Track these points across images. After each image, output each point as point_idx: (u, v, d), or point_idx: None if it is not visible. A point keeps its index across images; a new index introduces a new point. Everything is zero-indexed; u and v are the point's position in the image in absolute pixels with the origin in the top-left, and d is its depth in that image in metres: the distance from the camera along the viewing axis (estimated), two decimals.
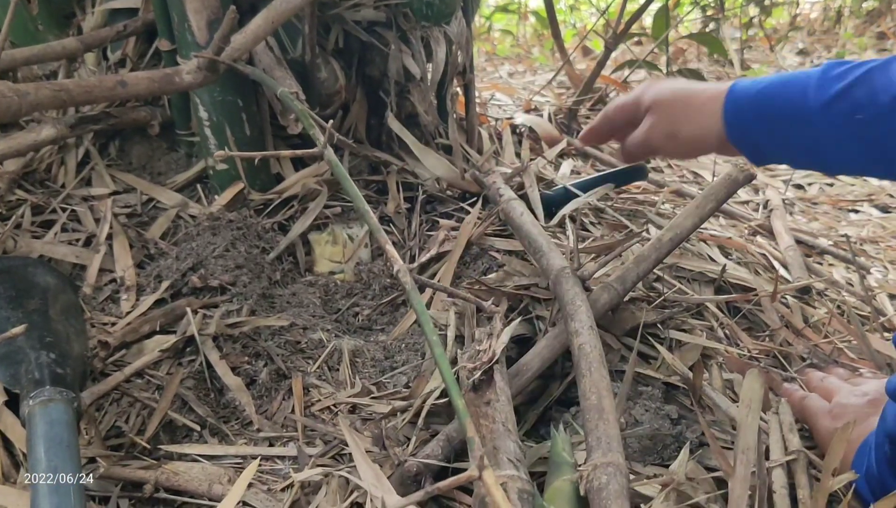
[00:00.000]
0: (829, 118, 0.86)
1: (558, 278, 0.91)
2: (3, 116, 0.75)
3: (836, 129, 0.86)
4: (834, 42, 4.23)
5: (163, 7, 1.15)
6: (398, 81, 1.33)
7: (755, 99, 0.92)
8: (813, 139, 0.88)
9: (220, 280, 1.06)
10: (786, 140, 0.91)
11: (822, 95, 0.86)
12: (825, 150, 0.89)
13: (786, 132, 0.90)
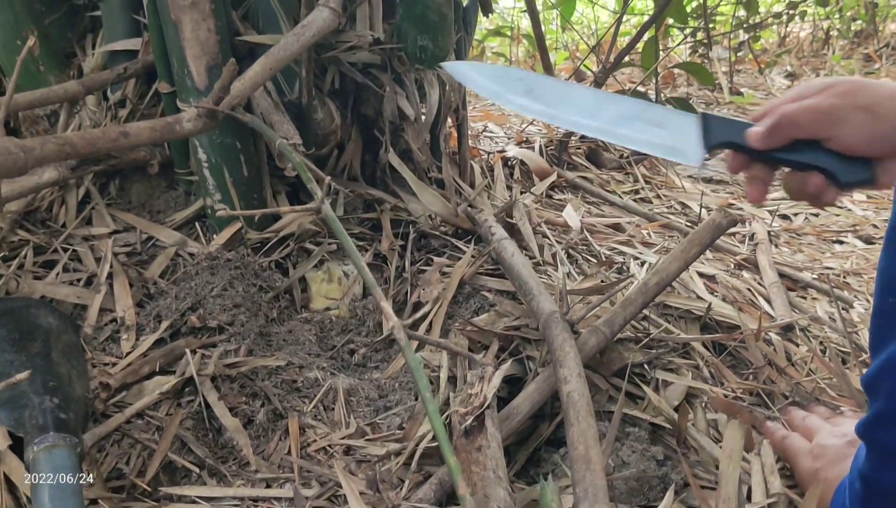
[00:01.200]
0: None
1: (548, 323, 0.94)
2: (9, 173, 0.78)
3: None
4: (822, 65, 4.29)
5: (163, 51, 1.18)
6: (392, 120, 1.36)
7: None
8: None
9: (218, 320, 1.09)
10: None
11: None
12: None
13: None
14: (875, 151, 0.81)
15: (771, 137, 0.83)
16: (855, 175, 0.81)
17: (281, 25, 1.22)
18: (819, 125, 0.82)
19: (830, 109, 0.81)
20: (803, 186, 0.83)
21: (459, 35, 1.43)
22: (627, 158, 2.13)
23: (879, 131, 0.80)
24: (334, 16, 1.13)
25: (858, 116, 0.81)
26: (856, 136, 0.81)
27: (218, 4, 1.11)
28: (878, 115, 0.80)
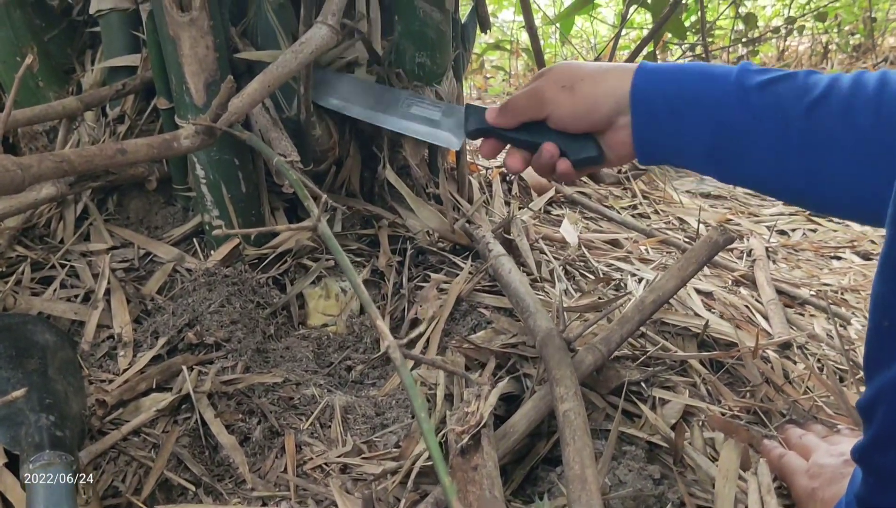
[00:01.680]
0: (747, 105, 0.83)
1: (545, 341, 0.94)
2: (6, 190, 0.78)
3: (752, 117, 0.83)
4: None
5: (161, 67, 1.19)
6: (391, 137, 1.37)
7: (669, 71, 0.90)
8: (724, 125, 0.85)
9: (215, 337, 1.09)
10: (692, 121, 0.86)
11: (743, 81, 0.84)
12: (733, 138, 0.84)
13: (695, 111, 0.86)
14: (581, 126, 0.95)
15: (501, 117, 1.00)
16: (580, 151, 0.96)
17: (279, 42, 1.23)
18: (534, 107, 0.97)
19: (538, 91, 0.96)
20: (540, 160, 0.98)
21: (458, 52, 1.44)
22: (626, 173, 2.13)
23: (580, 108, 0.94)
24: (332, 33, 1.14)
25: (561, 96, 0.94)
26: (562, 115, 0.95)
27: (216, 21, 1.12)
28: (576, 93, 0.93)
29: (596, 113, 0.92)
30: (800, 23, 4.33)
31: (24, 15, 1.25)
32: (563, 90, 0.94)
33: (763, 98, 0.83)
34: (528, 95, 0.97)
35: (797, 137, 0.80)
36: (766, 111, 0.82)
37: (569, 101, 0.93)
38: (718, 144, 0.86)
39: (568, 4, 3.21)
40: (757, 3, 4.65)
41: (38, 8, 1.32)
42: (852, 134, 0.77)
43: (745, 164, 0.86)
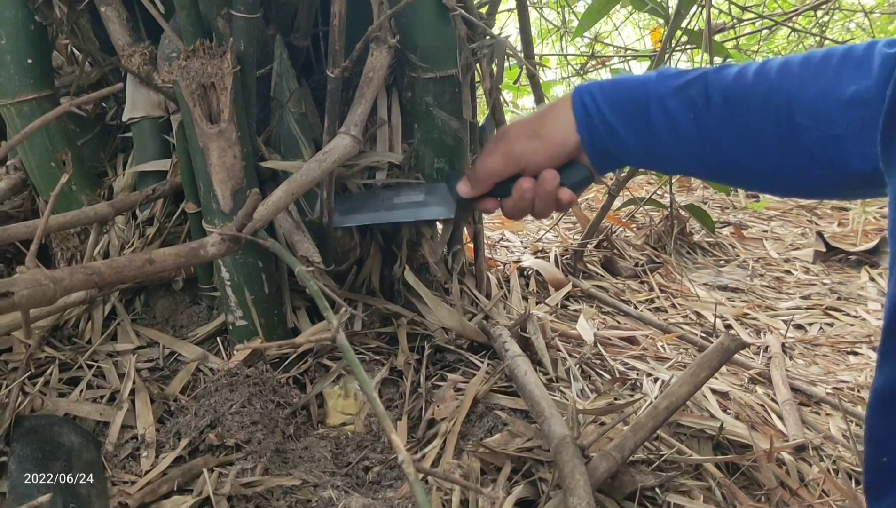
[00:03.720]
0: (667, 110, 0.95)
1: (559, 448, 0.96)
2: (39, 304, 0.81)
3: (672, 121, 0.95)
4: None
5: (190, 174, 1.24)
6: (409, 237, 1.41)
7: (601, 88, 1.01)
8: (652, 127, 0.96)
9: (236, 438, 1.11)
10: (629, 123, 0.98)
11: (660, 88, 0.96)
12: (661, 139, 0.97)
13: (629, 116, 0.98)
14: (560, 160, 1.04)
15: (476, 187, 1.12)
16: (573, 175, 1.05)
17: (301, 149, 1.28)
18: (510, 165, 1.06)
19: (508, 151, 1.05)
20: (544, 188, 1.04)
21: (475, 156, 1.48)
22: (643, 266, 2.16)
23: (552, 147, 1.03)
24: (355, 143, 1.18)
25: (532, 145, 1.03)
26: (539, 160, 1.04)
27: (244, 132, 1.17)
28: (543, 137, 1.03)
29: (568, 144, 1.02)
30: None
31: (58, 121, 1.30)
32: (531, 139, 1.03)
33: (677, 102, 0.95)
34: (500, 156, 1.06)
35: (700, 131, 0.94)
36: (679, 113, 0.94)
37: (541, 146, 1.03)
38: (649, 149, 0.99)
39: None
40: None
41: (72, 114, 1.38)
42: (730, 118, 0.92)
43: (674, 160, 1.01)
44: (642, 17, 4.30)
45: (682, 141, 0.96)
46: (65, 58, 1.48)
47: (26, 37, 1.24)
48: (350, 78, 1.26)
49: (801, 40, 4.20)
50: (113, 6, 1.26)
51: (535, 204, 1.07)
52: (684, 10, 1.91)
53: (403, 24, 1.24)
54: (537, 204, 1.07)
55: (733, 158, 0.93)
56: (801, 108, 0.85)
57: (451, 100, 1.31)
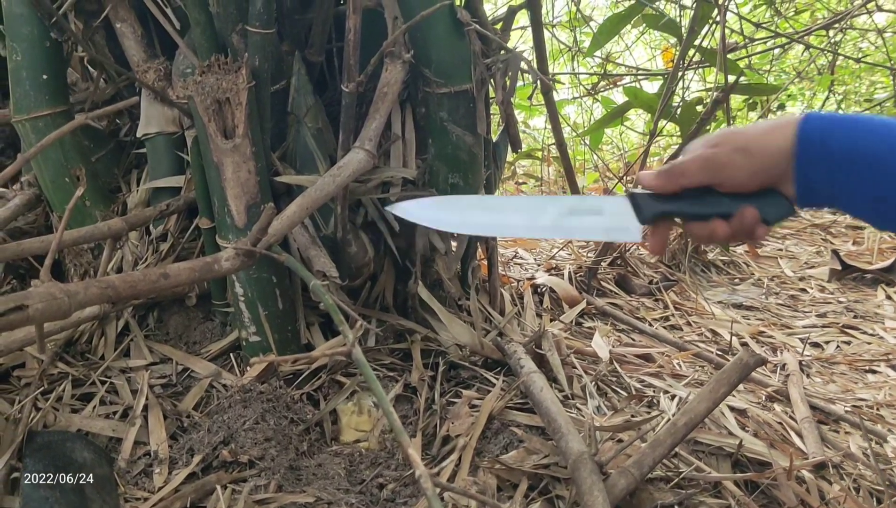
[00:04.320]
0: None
1: (577, 465, 0.94)
2: (53, 318, 0.81)
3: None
4: None
5: (204, 190, 1.23)
6: (424, 253, 1.40)
7: (840, 123, 0.90)
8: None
9: (249, 454, 1.10)
10: (855, 175, 0.87)
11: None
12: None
13: (858, 166, 0.87)
14: (755, 184, 0.91)
15: (662, 179, 0.94)
16: (774, 208, 0.90)
17: (317, 164, 1.27)
18: (709, 171, 0.91)
19: (713, 156, 0.92)
20: (743, 225, 0.91)
21: (489, 171, 1.48)
22: (657, 284, 2.14)
23: (758, 166, 0.90)
24: (369, 157, 1.18)
25: (737, 158, 0.90)
26: (741, 176, 0.91)
27: (258, 147, 1.17)
28: (752, 152, 0.90)
29: (777, 169, 0.91)
30: None
31: (73, 137, 1.30)
32: (738, 152, 0.92)
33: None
34: (701, 160, 0.94)
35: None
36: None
37: (746, 162, 0.91)
38: (883, 215, 0.87)
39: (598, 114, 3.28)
40: (786, 111, 4.71)
41: (86, 130, 1.38)
42: None
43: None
44: (653, 37, 4.31)
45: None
46: (79, 75, 1.48)
47: (42, 53, 1.24)
48: (364, 93, 1.26)
49: (813, 59, 4.19)
50: (128, 23, 1.27)
51: (726, 237, 0.95)
52: (698, 26, 1.90)
53: (418, 40, 1.24)
54: (729, 238, 0.95)
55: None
56: None
57: (466, 115, 1.30)
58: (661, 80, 2.23)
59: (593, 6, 4.42)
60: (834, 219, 3.29)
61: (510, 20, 1.55)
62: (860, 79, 4.66)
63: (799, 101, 4.96)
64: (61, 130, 0.87)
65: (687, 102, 2.11)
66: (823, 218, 3.35)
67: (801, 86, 4.59)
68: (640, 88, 2.93)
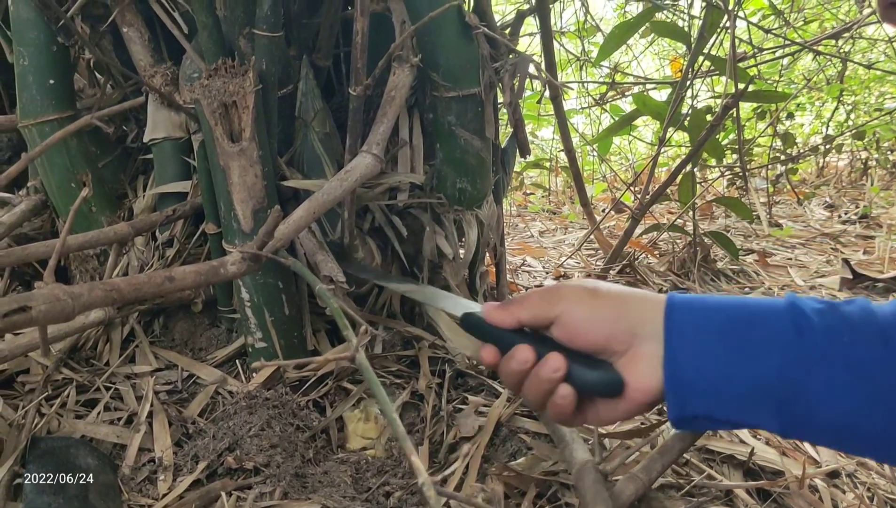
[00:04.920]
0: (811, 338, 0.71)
1: (580, 474, 0.93)
2: (57, 320, 0.80)
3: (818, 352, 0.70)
4: (861, 195, 4.29)
5: (211, 194, 1.23)
6: (432, 259, 1.39)
7: (707, 299, 0.78)
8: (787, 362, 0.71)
9: (254, 461, 1.09)
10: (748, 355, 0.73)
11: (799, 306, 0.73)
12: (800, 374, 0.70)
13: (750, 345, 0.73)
14: (594, 338, 0.77)
15: (499, 312, 0.82)
16: (593, 372, 0.76)
17: (325, 169, 1.27)
18: (546, 302, 0.80)
19: (556, 286, 0.81)
20: (540, 374, 0.77)
21: (498, 176, 1.47)
22: (666, 291, 2.13)
23: (599, 313, 0.77)
24: (377, 162, 1.17)
25: (581, 294, 0.79)
26: (577, 317, 0.78)
27: (265, 151, 1.16)
28: (599, 296, 0.79)
29: (619, 322, 0.76)
30: (838, 141, 4.36)
31: (79, 142, 1.30)
32: (585, 290, 0.80)
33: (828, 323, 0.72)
34: (543, 289, 0.82)
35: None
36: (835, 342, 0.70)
37: (588, 302, 0.78)
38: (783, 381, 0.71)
39: (606, 124, 3.28)
40: (795, 121, 4.70)
41: (93, 135, 1.38)
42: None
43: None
44: (662, 47, 4.31)
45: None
46: (86, 80, 1.48)
47: (48, 58, 1.24)
48: (372, 98, 1.25)
49: (822, 68, 4.18)
50: (135, 27, 1.26)
51: (525, 384, 0.80)
52: (707, 32, 1.90)
53: (426, 43, 1.23)
54: (526, 385, 0.80)
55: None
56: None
57: (474, 119, 1.30)
58: (670, 89, 2.22)
59: (601, 16, 4.43)
60: (844, 228, 3.27)
61: (519, 25, 1.54)
62: (869, 89, 4.65)
63: (808, 110, 4.95)
64: (67, 129, 0.86)
65: (696, 111, 2.11)
66: (833, 227, 3.33)
67: (810, 95, 4.58)
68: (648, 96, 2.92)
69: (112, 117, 1.42)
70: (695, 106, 2.21)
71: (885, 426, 0.68)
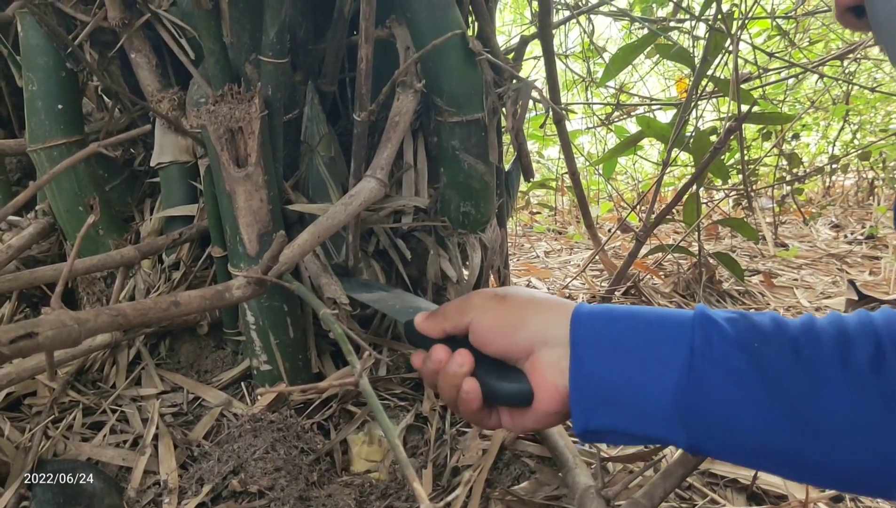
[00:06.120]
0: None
1: (583, 499, 0.93)
2: (64, 345, 0.81)
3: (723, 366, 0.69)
4: (867, 215, 4.29)
5: (217, 218, 1.24)
6: (436, 282, 1.40)
7: (613, 309, 0.77)
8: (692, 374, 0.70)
9: (259, 484, 1.09)
10: (652, 364, 0.72)
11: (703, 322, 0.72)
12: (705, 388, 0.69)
13: (653, 356, 0.72)
14: (498, 344, 0.79)
15: (427, 322, 0.86)
16: (502, 380, 0.78)
17: (329, 193, 1.28)
18: (459, 312, 0.82)
19: (469, 296, 0.84)
20: (449, 370, 0.80)
21: (501, 200, 1.48)
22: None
23: (503, 321, 0.79)
24: (381, 186, 1.18)
25: (489, 303, 0.81)
26: (483, 324, 0.79)
27: (270, 176, 1.17)
28: (506, 302, 0.80)
29: (519, 331, 0.77)
30: (844, 161, 4.36)
31: (87, 166, 1.32)
32: (495, 298, 0.82)
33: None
34: (460, 298, 0.86)
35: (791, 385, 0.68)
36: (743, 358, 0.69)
37: (494, 309, 0.80)
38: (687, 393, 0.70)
39: (612, 143, 3.29)
40: (801, 141, 4.70)
41: (101, 159, 1.39)
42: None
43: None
44: (667, 68, 4.32)
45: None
46: (94, 105, 1.49)
47: (57, 83, 1.26)
48: (376, 123, 1.26)
49: (827, 89, 4.19)
50: (143, 53, 1.28)
51: (438, 381, 0.83)
52: (710, 56, 1.91)
53: (430, 69, 1.25)
54: (439, 382, 0.83)
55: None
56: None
57: (478, 143, 1.31)
58: (675, 109, 2.23)
59: (607, 37, 4.45)
60: (850, 249, 3.27)
61: (522, 50, 1.56)
62: (875, 109, 4.66)
63: (814, 130, 4.96)
64: (74, 158, 0.87)
65: (700, 132, 2.11)
66: (839, 247, 3.33)
67: (816, 116, 4.59)
68: (653, 117, 2.94)
69: (120, 141, 1.43)
70: (699, 128, 2.22)
71: (796, 439, 0.67)
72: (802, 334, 0.70)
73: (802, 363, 0.67)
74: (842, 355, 0.67)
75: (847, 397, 0.65)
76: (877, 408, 0.64)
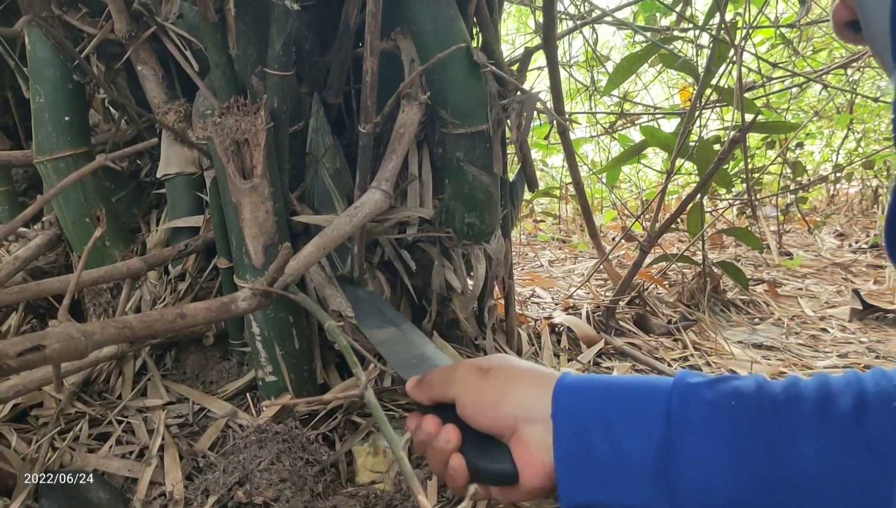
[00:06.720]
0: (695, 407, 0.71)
1: None
2: (70, 358, 0.81)
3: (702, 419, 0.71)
4: (871, 223, 4.29)
5: (222, 230, 1.24)
6: (440, 292, 1.40)
7: (596, 381, 0.79)
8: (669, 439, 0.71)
9: (264, 496, 1.10)
10: (631, 431, 0.73)
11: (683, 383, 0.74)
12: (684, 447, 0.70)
13: (632, 422, 0.74)
14: (483, 419, 0.81)
15: (416, 389, 0.92)
16: (487, 457, 0.80)
17: (335, 204, 1.28)
18: (445, 383, 0.85)
19: (454, 367, 0.87)
20: (437, 444, 0.84)
21: (506, 211, 1.48)
22: (676, 323, 2.13)
23: (487, 396, 0.81)
24: (386, 197, 1.19)
25: (472, 376, 0.83)
26: (468, 399, 0.82)
27: (276, 187, 1.17)
28: (490, 376, 0.82)
29: (500, 407, 0.79)
30: (848, 170, 4.36)
31: (94, 178, 1.32)
32: (478, 371, 0.84)
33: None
34: (444, 370, 0.88)
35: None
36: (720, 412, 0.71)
37: (476, 385, 0.82)
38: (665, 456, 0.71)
39: (616, 152, 3.29)
40: (805, 149, 4.70)
41: (107, 170, 1.40)
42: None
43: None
44: (671, 76, 4.33)
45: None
46: (101, 116, 1.50)
47: (64, 95, 1.26)
48: (381, 134, 1.27)
49: (831, 98, 4.19)
50: (149, 65, 1.29)
51: (427, 453, 0.87)
52: (714, 66, 1.91)
53: (434, 81, 1.25)
54: (428, 454, 0.87)
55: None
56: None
57: (482, 155, 1.31)
58: (679, 119, 2.24)
59: (611, 45, 4.45)
60: (855, 258, 3.27)
61: (526, 61, 1.56)
62: (879, 117, 4.66)
63: (818, 139, 4.96)
64: (81, 172, 0.88)
65: (704, 141, 2.12)
66: (843, 256, 3.33)
67: (820, 124, 4.59)
68: (657, 126, 2.94)
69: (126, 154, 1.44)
70: (703, 137, 2.22)
71: (774, 493, 0.67)
72: (784, 391, 0.70)
73: (780, 419, 0.68)
74: (821, 408, 0.67)
75: (825, 447, 0.65)
76: (857, 457, 0.64)
